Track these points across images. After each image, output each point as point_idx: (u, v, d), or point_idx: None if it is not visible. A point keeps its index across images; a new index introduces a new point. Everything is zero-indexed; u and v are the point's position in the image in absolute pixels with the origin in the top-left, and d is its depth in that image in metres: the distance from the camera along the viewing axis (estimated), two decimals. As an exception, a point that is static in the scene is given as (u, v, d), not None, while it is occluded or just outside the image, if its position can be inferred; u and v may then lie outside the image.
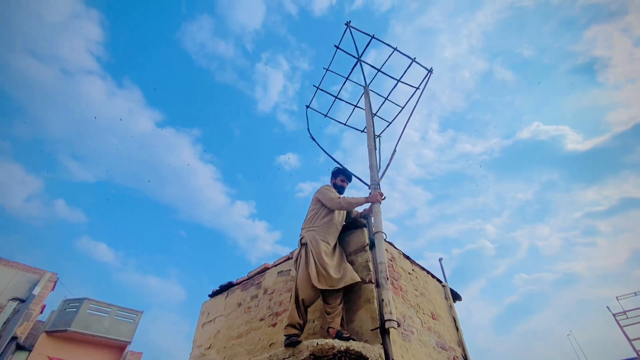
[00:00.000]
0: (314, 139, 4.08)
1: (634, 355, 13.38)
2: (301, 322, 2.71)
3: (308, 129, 4.13)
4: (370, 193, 3.30)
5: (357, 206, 3.20)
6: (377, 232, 2.98)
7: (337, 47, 4.03)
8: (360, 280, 2.84)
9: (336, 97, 4.40)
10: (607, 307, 14.70)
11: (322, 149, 3.95)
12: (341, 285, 2.77)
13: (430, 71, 4.12)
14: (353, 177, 3.62)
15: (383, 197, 3.19)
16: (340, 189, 3.46)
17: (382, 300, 2.54)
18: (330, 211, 3.22)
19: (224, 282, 4.70)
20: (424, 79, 4.17)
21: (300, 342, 2.40)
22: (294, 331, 2.64)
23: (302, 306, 2.74)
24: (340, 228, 3.26)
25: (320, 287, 2.71)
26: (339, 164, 3.71)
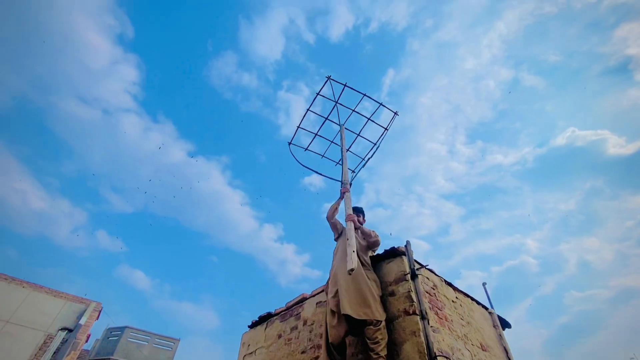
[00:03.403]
0: (306, 167, 4.71)
1: None
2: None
3: (296, 160, 4.72)
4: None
5: (336, 205, 3.71)
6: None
7: (318, 94, 4.52)
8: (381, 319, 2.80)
9: (316, 134, 4.84)
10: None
11: (319, 173, 4.62)
12: (370, 318, 2.75)
13: (396, 113, 4.58)
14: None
15: (348, 189, 3.62)
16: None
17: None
18: (341, 242, 3.35)
19: (257, 308, 4.76)
20: (391, 120, 4.64)
21: None
22: None
23: (332, 343, 2.82)
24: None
25: (345, 313, 2.76)
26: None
